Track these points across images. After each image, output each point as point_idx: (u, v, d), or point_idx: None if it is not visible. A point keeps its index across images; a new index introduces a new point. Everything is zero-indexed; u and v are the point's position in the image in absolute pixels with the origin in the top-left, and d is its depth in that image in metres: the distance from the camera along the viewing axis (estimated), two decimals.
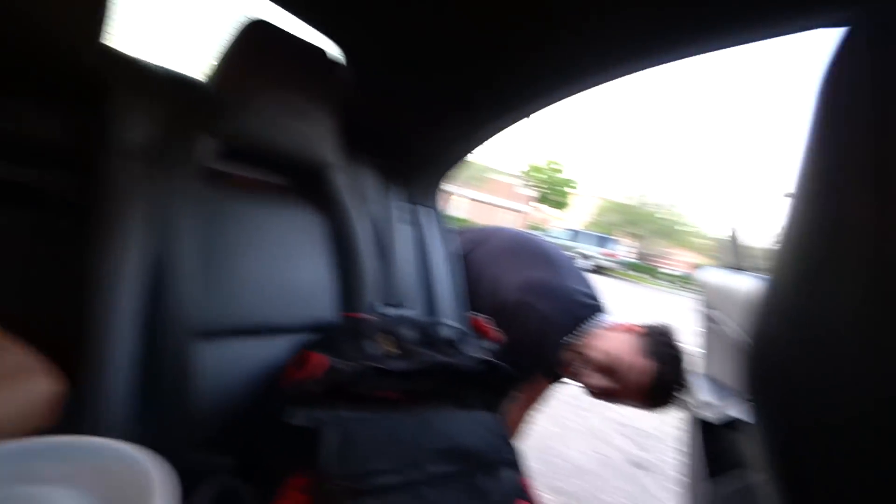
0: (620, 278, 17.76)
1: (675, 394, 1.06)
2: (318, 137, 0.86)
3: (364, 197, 0.98)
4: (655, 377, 1.03)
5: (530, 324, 1.09)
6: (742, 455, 0.88)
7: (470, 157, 1.06)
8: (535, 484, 1.74)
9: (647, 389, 1.05)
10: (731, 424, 0.90)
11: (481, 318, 1.19)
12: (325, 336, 0.79)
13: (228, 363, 0.72)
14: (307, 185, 0.92)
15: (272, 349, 0.77)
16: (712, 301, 1.15)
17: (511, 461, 0.64)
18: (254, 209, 0.81)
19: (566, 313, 1.12)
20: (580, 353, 1.10)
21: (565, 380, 1.24)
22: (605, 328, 1.13)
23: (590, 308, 1.16)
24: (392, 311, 0.95)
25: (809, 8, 0.44)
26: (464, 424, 0.66)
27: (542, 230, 19.47)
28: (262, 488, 0.57)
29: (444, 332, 0.83)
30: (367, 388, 0.69)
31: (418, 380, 0.72)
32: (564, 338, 1.11)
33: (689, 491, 1.14)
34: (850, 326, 0.18)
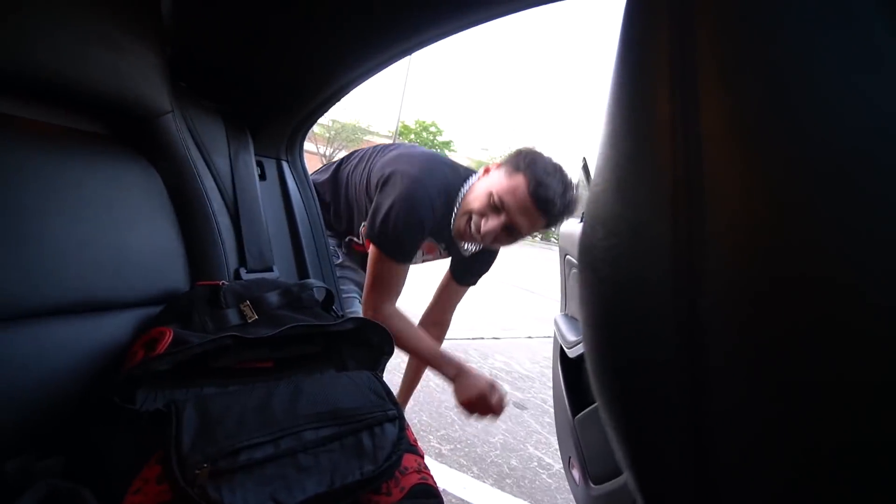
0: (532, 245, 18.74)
1: (560, 195, 1.07)
2: (141, 76, 0.70)
3: (208, 149, 0.84)
4: (531, 184, 1.05)
5: (397, 184, 1.10)
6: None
7: (332, 109, 0.97)
8: (425, 435, 1.76)
9: (533, 200, 1.06)
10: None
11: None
12: (175, 308, 0.69)
13: (47, 350, 0.58)
14: (135, 135, 0.75)
15: (109, 328, 0.65)
16: (567, 247, 1.23)
17: (392, 416, 0.61)
18: (62, 161, 0.64)
19: (434, 174, 1.14)
20: (466, 211, 1.13)
21: (463, 247, 1.27)
22: (475, 181, 1.18)
23: (457, 172, 1.21)
24: (254, 276, 0.85)
25: None
26: (340, 386, 0.62)
27: None
28: (108, 488, 0.49)
29: (312, 294, 0.77)
30: (230, 361, 0.63)
31: (286, 346, 0.67)
32: (436, 209, 1.13)
33: (558, 423, 1.24)
34: (656, 236, 0.16)
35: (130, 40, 0.68)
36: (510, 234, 1.13)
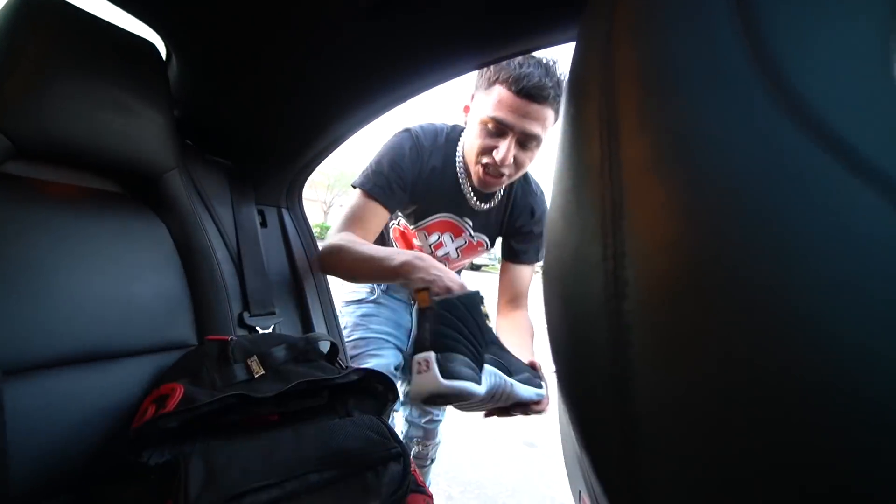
0: (494, 272, 18.72)
1: (545, 75, 0.96)
2: (149, 137, 0.75)
3: (212, 201, 0.88)
4: (512, 86, 0.95)
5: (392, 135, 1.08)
6: None
7: (328, 157, 1.01)
8: (434, 477, 1.72)
9: (523, 98, 0.95)
10: None
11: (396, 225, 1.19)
12: (185, 363, 0.71)
13: (57, 400, 0.60)
14: (143, 191, 0.80)
15: (117, 376, 0.67)
16: None
17: (397, 454, 0.62)
18: (75, 219, 0.68)
19: (429, 131, 1.12)
20: (475, 158, 1.05)
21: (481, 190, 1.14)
22: (464, 122, 1.11)
23: (455, 131, 1.15)
24: (261, 324, 0.88)
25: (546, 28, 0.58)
26: (343, 430, 0.64)
27: None
28: None
29: (316, 346, 0.79)
30: (236, 417, 0.64)
31: (292, 400, 0.69)
32: (420, 156, 1.09)
33: (566, 456, 1.22)
34: (591, 255, 0.19)
35: (140, 105, 0.73)
36: (527, 146, 1.02)
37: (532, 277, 1.28)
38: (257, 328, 0.87)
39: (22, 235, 0.62)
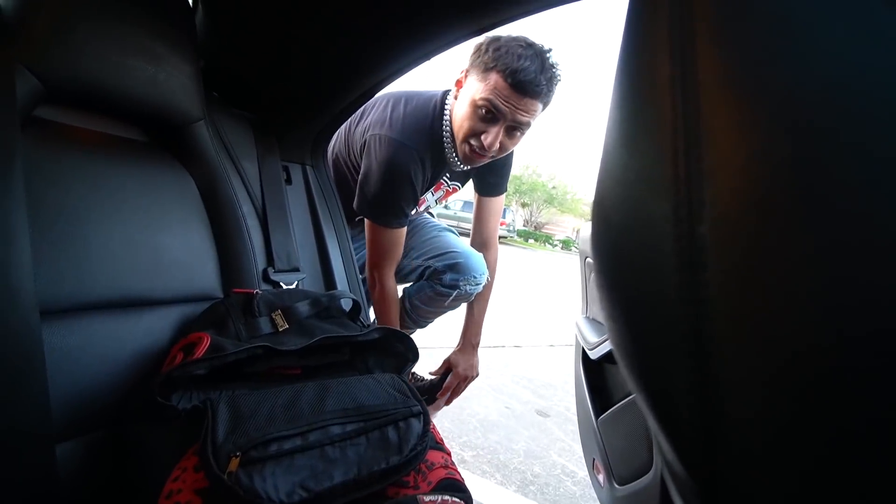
0: (514, 245, 18.72)
1: (540, 70, 0.98)
2: (176, 86, 0.74)
3: (237, 154, 0.88)
4: (508, 77, 0.97)
5: (377, 152, 1.08)
6: (619, 384, 0.96)
7: (352, 114, 1.00)
8: (447, 441, 1.77)
9: (518, 92, 0.99)
10: (609, 358, 0.97)
11: None
12: (212, 314, 0.72)
13: (93, 340, 0.62)
14: (171, 142, 0.80)
15: (147, 323, 0.68)
16: (586, 250, 1.23)
17: (417, 412, 0.63)
18: (105, 167, 0.68)
19: (411, 128, 1.10)
20: (463, 137, 1.08)
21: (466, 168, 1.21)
22: (453, 103, 1.11)
23: (435, 104, 1.14)
24: (284, 279, 0.88)
25: None
26: (365, 386, 0.65)
27: None
28: (149, 475, 0.53)
29: (339, 304, 0.80)
30: (261, 367, 0.66)
31: (314, 355, 0.70)
32: (424, 166, 1.10)
33: (581, 425, 1.23)
34: (660, 178, 0.18)
35: (167, 52, 0.72)
36: (514, 133, 1.07)
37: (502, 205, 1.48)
38: (281, 283, 0.88)
39: (56, 180, 0.62)
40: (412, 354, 0.77)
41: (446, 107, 1.14)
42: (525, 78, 0.96)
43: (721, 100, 0.16)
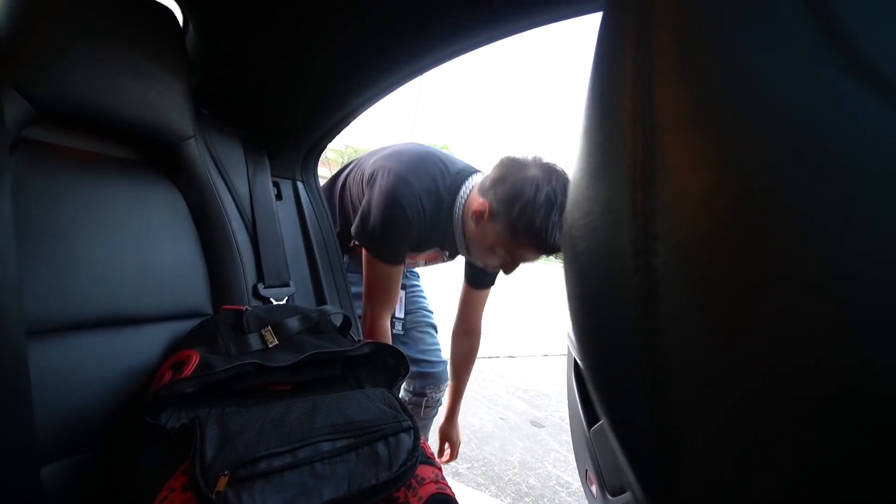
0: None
1: (547, 222, 0.97)
2: (167, 104, 0.75)
3: (227, 171, 0.88)
4: (537, 241, 0.98)
5: (381, 183, 1.06)
6: None
7: (345, 134, 1.01)
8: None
9: (542, 250, 1.01)
10: None
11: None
12: (201, 332, 0.72)
13: (80, 360, 0.62)
14: (160, 159, 0.80)
15: (136, 341, 0.68)
16: None
17: (407, 427, 0.63)
18: (95, 185, 0.69)
19: (421, 171, 1.09)
20: (478, 255, 1.12)
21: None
22: (469, 192, 1.11)
23: (451, 170, 1.13)
24: (275, 295, 0.89)
25: None
26: (355, 401, 0.64)
27: None
28: (137, 496, 0.53)
29: (330, 319, 0.80)
30: (251, 384, 0.66)
31: (305, 370, 0.70)
32: (424, 209, 1.08)
33: (574, 436, 1.23)
34: (620, 210, 0.19)
35: (157, 71, 0.72)
36: (535, 258, 1.10)
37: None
38: (271, 299, 0.88)
39: (44, 200, 0.62)
40: (403, 369, 0.77)
41: (465, 189, 1.12)
42: (551, 240, 0.98)
43: (677, 137, 0.16)
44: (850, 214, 0.13)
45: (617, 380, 0.19)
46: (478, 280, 1.44)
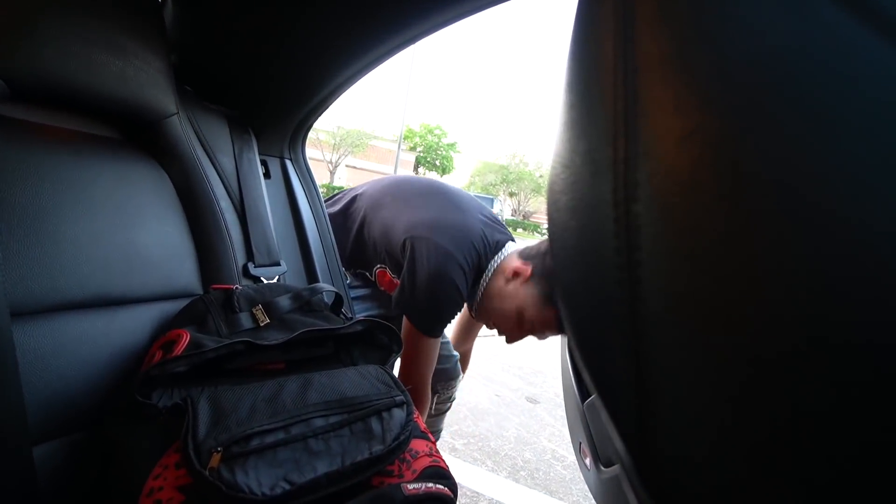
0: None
1: None
2: (146, 80, 0.73)
3: (213, 149, 0.87)
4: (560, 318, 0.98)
5: (426, 258, 1.01)
6: None
7: (336, 115, 0.99)
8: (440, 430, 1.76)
9: (558, 326, 1.03)
10: None
11: (384, 270, 1.16)
12: (191, 311, 0.71)
13: (66, 342, 0.61)
14: (144, 138, 0.78)
15: (123, 322, 0.67)
16: None
17: (400, 402, 0.63)
18: (75, 164, 0.67)
19: (465, 243, 1.04)
20: (496, 321, 1.10)
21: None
22: (502, 262, 1.08)
23: (489, 233, 1.10)
24: (265, 274, 0.88)
25: None
26: (348, 377, 0.64)
27: None
28: (131, 474, 0.53)
29: (321, 297, 0.80)
30: (243, 363, 0.65)
31: (297, 349, 0.69)
32: (469, 284, 1.06)
33: (568, 410, 1.25)
34: (601, 160, 0.18)
35: (135, 46, 0.70)
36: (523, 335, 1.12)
37: None
38: (262, 278, 0.87)
39: (22, 179, 0.61)
40: (396, 346, 0.77)
41: (499, 255, 1.10)
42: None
43: (657, 81, 0.16)
44: (837, 152, 0.13)
45: (597, 332, 0.19)
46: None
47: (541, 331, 1.06)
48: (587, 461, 1.10)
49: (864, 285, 0.12)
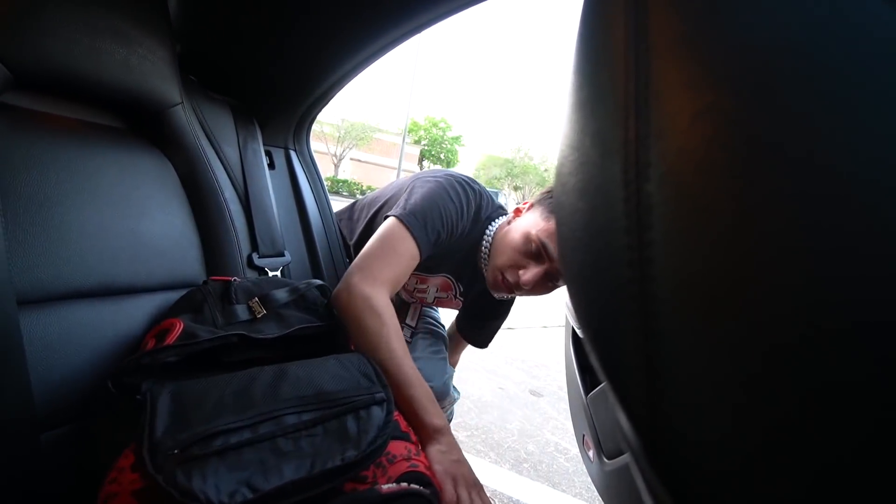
0: None
1: None
2: (151, 69, 0.73)
3: (217, 139, 0.86)
4: None
5: (425, 179, 0.97)
6: None
7: (341, 109, 0.99)
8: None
9: None
10: None
11: None
12: (188, 301, 0.70)
13: (73, 330, 0.61)
14: (148, 127, 0.78)
15: (129, 311, 0.68)
16: None
17: (380, 399, 0.59)
18: (80, 153, 0.67)
19: (466, 188, 1.01)
20: (503, 264, 1.00)
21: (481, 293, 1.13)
22: (503, 222, 1.04)
23: (490, 201, 1.05)
24: (270, 265, 0.88)
25: None
26: (327, 369, 0.60)
27: None
28: (96, 473, 0.49)
29: (316, 293, 0.79)
30: (240, 357, 0.64)
31: (289, 345, 0.68)
32: (465, 214, 0.99)
33: (572, 403, 1.25)
34: (610, 140, 0.18)
35: (140, 35, 0.70)
36: (549, 282, 1.00)
37: None
38: (266, 269, 0.87)
39: (27, 168, 0.61)
40: None
41: (496, 223, 1.05)
42: None
43: (670, 60, 0.16)
44: (854, 129, 0.12)
45: (606, 314, 0.19)
46: (474, 327, 1.33)
47: (552, 249, 0.94)
48: (590, 453, 1.11)
49: (882, 265, 0.12)
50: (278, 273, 0.89)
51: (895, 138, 0.12)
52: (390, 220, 0.90)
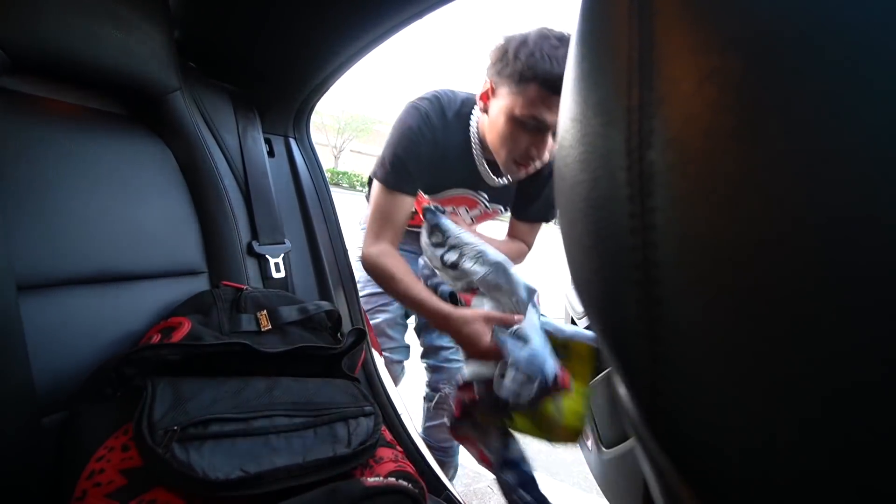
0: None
1: (540, 47, 0.89)
2: (149, 54, 0.72)
3: (217, 126, 0.86)
4: (552, 85, 0.87)
5: (399, 116, 1.02)
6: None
7: (341, 100, 0.98)
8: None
9: (557, 93, 0.85)
10: None
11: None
12: (198, 301, 0.71)
13: (73, 316, 0.61)
14: (147, 114, 0.78)
15: (129, 297, 0.68)
16: None
17: (369, 412, 0.61)
18: (78, 138, 0.67)
19: (434, 100, 1.04)
20: (510, 157, 0.99)
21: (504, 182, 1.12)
22: (479, 117, 1.04)
23: (439, 102, 1.05)
24: (270, 252, 0.88)
25: None
26: (320, 386, 0.63)
27: None
28: (74, 457, 0.50)
29: (324, 316, 0.80)
30: (240, 367, 0.63)
31: (289, 363, 0.67)
32: (432, 121, 1.02)
33: None
34: (613, 109, 0.18)
35: (138, 19, 0.69)
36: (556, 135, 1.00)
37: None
38: (267, 256, 0.87)
39: (26, 153, 0.60)
40: None
41: (472, 115, 1.05)
42: (561, 74, 0.84)
43: (675, 24, 0.15)
44: (863, 94, 0.12)
45: (609, 284, 0.19)
46: (527, 210, 1.25)
47: (539, 115, 0.92)
48: (589, 443, 1.11)
49: (883, 230, 0.12)
50: (279, 260, 0.89)
51: None
52: (373, 183, 1.04)
